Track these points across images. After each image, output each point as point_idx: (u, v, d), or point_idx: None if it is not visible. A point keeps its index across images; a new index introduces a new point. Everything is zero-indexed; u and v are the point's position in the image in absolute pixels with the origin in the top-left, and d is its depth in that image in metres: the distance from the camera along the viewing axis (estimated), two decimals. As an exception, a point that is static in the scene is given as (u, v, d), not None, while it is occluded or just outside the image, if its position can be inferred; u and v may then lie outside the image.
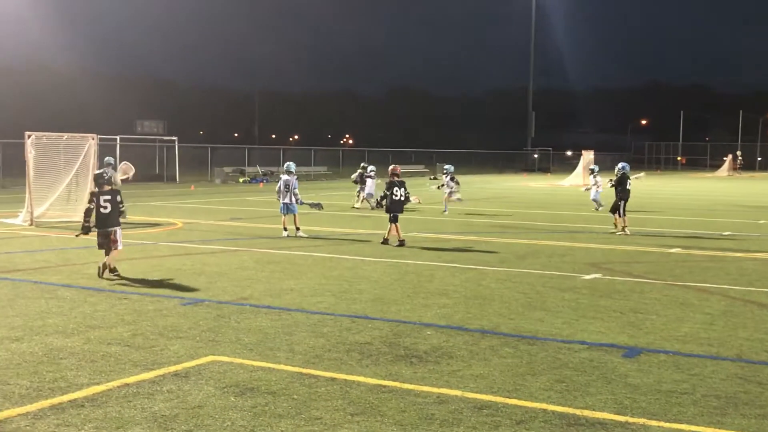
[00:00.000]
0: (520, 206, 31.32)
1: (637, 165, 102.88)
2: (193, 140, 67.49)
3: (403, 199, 17.82)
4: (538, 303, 10.89)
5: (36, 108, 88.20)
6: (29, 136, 21.06)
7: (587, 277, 13.16)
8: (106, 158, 22.56)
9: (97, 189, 12.74)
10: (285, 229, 18.85)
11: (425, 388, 6.92)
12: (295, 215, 18.77)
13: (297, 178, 19.25)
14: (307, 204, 19.16)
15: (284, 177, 18.94)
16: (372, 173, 28.26)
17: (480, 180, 59.99)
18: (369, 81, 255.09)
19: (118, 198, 12.78)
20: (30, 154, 20.84)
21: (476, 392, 6.85)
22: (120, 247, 12.81)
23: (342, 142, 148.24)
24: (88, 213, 12.81)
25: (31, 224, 20.31)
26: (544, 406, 6.54)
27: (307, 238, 18.34)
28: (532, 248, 17.11)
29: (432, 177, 62.98)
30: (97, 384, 6.90)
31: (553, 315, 10.10)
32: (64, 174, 21.95)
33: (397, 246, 17.00)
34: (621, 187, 20.49)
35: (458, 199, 27.21)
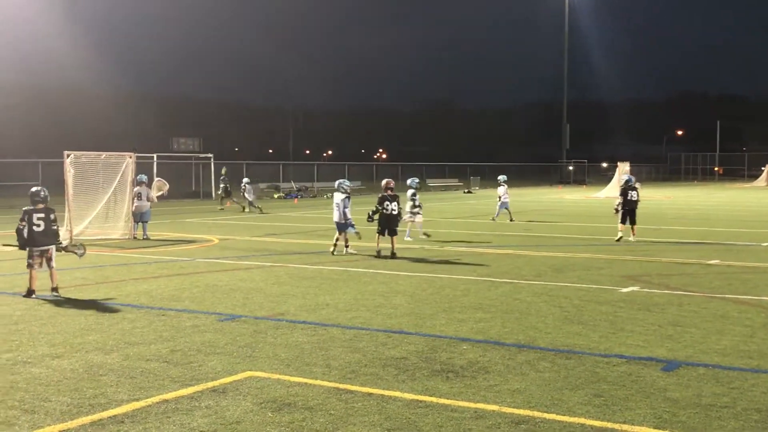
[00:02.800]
0: (555, 218, 31.14)
1: (674, 176, 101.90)
2: (229, 157, 68.03)
3: (395, 213, 17.58)
4: (575, 316, 10.82)
5: (74, 127, 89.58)
6: (68, 155, 21.38)
7: (625, 290, 13.04)
8: (139, 176, 22.87)
9: (31, 207, 12.46)
10: (334, 245, 18.13)
11: (462, 403, 6.90)
12: (346, 234, 18.07)
13: (349, 197, 18.14)
14: (354, 232, 18.04)
15: (337, 194, 18.06)
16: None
17: (514, 192, 59.75)
18: (402, 95, 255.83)
19: (52, 216, 12.57)
20: (69, 172, 21.15)
21: (513, 407, 6.81)
22: (53, 265, 12.59)
23: (375, 156, 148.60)
24: (19, 232, 12.49)
25: (70, 242, 20.57)
26: (582, 420, 6.49)
27: (354, 254, 17.88)
28: (568, 261, 17.00)
29: (466, 191, 63.04)
30: (137, 400, 6.97)
31: (591, 329, 10.02)
32: (102, 192, 22.26)
33: (388, 258, 16.99)
34: (623, 197, 21.79)
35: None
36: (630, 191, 21.83)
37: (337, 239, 18.18)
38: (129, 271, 15.50)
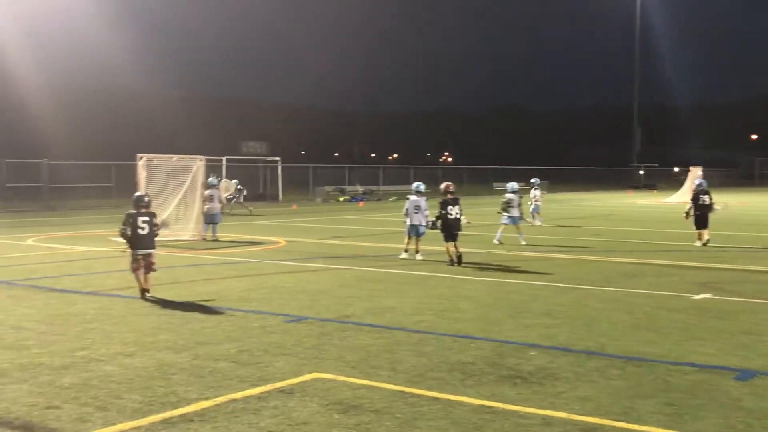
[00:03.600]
0: (625, 224, 30.63)
1: (747, 181, 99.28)
2: (296, 160, 68.68)
3: (458, 217, 17.00)
4: (646, 324, 10.61)
5: (146, 131, 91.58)
6: (141, 158, 21.84)
7: (697, 297, 12.75)
8: (210, 179, 23.23)
9: (134, 210, 12.73)
10: (406, 251, 17.86)
11: (530, 410, 6.82)
12: (419, 238, 17.75)
13: (426, 199, 18.00)
14: (436, 229, 17.34)
15: (413, 198, 17.80)
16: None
17: (584, 197, 59.03)
18: (469, 98, 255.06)
19: (155, 220, 12.93)
20: (141, 175, 21.59)
21: (582, 415, 6.71)
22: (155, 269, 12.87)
23: (441, 159, 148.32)
24: (123, 235, 12.77)
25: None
26: (653, 429, 6.35)
27: (422, 260, 17.47)
28: (638, 267, 16.70)
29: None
30: (206, 399, 7.06)
31: (662, 336, 9.81)
32: (173, 194, 22.66)
33: (454, 265, 16.47)
34: (694, 202, 21.76)
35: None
36: (701, 195, 21.57)
37: (408, 243, 17.91)
38: (199, 272, 15.75)
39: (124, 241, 12.85)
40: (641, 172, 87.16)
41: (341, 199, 52.24)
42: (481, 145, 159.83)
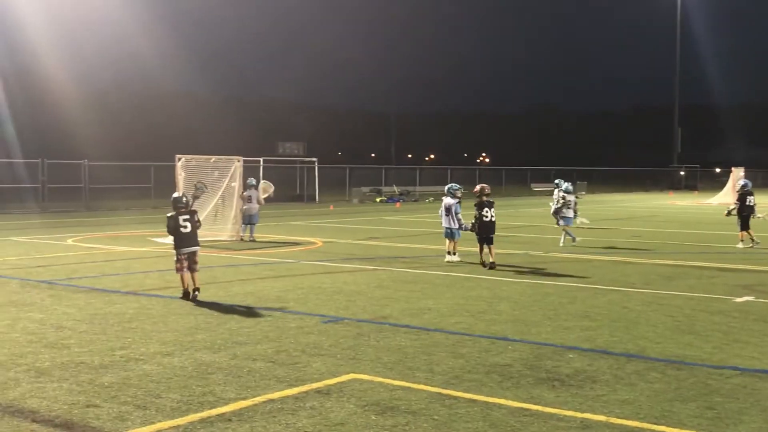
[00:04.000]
0: (665, 226, 30.26)
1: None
2: (332, 161, 68.88)
3: (493, 220, 16.81)
4: (687, 326, 10.46)
5: (184, 132, 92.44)
6: (179, 159, 22.04)
7: (739, 299, 12.55)
8: (249, 179, 23.38)
9: (174, 212, 12.92)
10: (449, 253, 17.57)
11: (568, 413, 6.76)
12: (455, 240, 17.60)
13: (460, 202, 17.77)
14: (469, 230, 17.24)
15: (446, 200, 17.62)
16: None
17: (623, 198, 58.48)
18: (506, 98, 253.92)
19: (195, 217, 13.17)
20: (180, 176, 21.79)
21: (622, 418, 6.63)
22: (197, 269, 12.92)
23: (478, 160, 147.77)
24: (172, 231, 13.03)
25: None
26: (694, 434, 6.26)
27: (457, 261, 17.35)
28: (679, 269, 16.48)
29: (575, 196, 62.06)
30: (244, 399, 7.09)
31: (703, 339, 9.67)
32: (211, 195, 22.82)
33: (488, 268, 16.23)
34: (741, 202, 21.48)
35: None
36: (748, 196, 21.37)
37: (449, 246, 17.66)
38: (236, 273, 15.85)
39: (161, 241, 13.05)
40: (682, 173, 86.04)
41: (378, 200, 52.26)
42: (518, 145, 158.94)
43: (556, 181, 26.24)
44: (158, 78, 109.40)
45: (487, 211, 16.79)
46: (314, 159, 53.26)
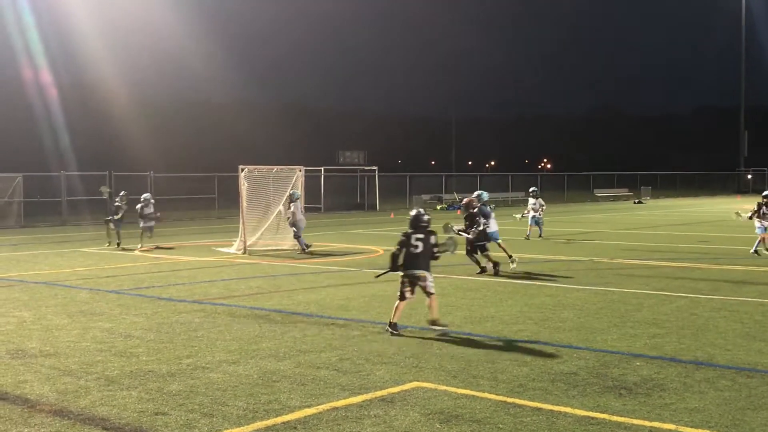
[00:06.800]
0: (734, 230, 29.56)
1: None
2: (392, 169, 68.97)
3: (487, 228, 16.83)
4: (758, 333, 10.20)
5: (244, 142, 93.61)
6: (242, 169, 22.30)
7: (812, 305, 12.18)
8: (293, 191, 23.45)
9: (411, 229, 10.86)
10: (510, 257, 17.38)
11: (636, 421, 6.64)
12: (498, 243, 17.66)
13: (493, 207, 17.77)
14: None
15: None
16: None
17: (688, 203, 57.34)
18: (568, 103, 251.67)
19: (432, 239, 10.86)
20: (243, 186, 22.04)
21: (691, 426, 6.49)
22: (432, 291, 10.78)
23: (540, 166, 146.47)
24: (393, 256, 10.86)
25: (244, 252, 21.39)
26: (769, 445, 6.09)
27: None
28: (749, 275, 16.09)
29: (636, 201, 61.07)
30: (308, 407, 7.13)
31: (775, 346, 9.42)
32: (273, 204, 23.05)
33: (479, 273, 16.37)
34: None
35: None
36: None
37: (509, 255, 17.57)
38: (299, 281, 15.96)
39: (226, 250, 12.80)
40: (749, 176, 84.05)
41: (439, 207, 52.15)
42: (579, 149, 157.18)
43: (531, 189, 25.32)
44: (216, 89, 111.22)
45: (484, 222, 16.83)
46: (374, 167, 53.42)
